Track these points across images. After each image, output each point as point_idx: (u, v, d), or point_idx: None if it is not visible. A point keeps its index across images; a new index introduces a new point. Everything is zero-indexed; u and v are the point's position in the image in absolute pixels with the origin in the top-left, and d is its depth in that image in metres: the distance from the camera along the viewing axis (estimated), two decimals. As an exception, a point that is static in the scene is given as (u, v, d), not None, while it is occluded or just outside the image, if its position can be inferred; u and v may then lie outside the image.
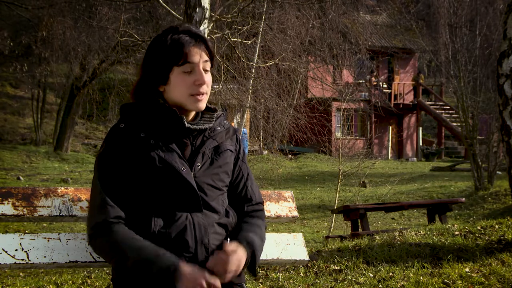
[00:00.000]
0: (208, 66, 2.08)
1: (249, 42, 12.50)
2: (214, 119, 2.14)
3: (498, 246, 5.08)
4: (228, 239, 2.19)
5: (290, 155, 21.80)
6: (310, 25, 17.02)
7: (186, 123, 2.05)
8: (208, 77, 2.08)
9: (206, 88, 2.07)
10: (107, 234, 1.96)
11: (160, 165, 2.00)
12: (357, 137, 25.08)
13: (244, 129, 18.48)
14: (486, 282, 4.10)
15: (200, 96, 2.06)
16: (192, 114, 2.12)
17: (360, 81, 24.47)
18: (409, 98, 28.55)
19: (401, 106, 27.75)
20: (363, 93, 24.96)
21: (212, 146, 2.11)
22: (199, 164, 2.06)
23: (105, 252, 2.01)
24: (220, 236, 2.09)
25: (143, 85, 2.10)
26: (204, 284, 1.87)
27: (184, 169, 2.02)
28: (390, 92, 27.72)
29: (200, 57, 2.06)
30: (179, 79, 2.04)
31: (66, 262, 2.27)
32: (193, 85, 2.04)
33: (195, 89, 2.04)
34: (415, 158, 26.80)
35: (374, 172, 17.49)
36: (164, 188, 2.01)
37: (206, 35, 7.24)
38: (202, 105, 2.08)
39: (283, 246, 2.57)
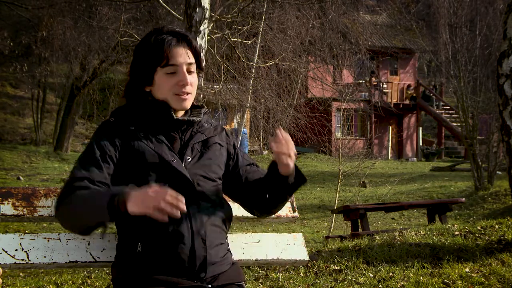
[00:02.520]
0: (192, 67, 2.10)
1: (249, 42, 12.50)
2: (202, 114, 2.16)
3: (498, 246, 5.08)
4: (228, 238, 2.19)
5: (290, 155, 21.72)
6: (310, 25, 17.02)
7: (174, 115, 2.07)
8: (192, 78, 2.09)
9: (191, 89, 2.09)
10: (70, 197, 1.93)
11: (150, 156, 2.02)
12: (357, 137, 25.08)
13: (244, 129, 18.47)
14: (486, 282, 4.10)
15: (184, 95, 2.08)
16: (181, 112, 2.14)
17: (360, 81, 24.48)
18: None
19: (401, 106, 27.75)
20: (363, 93, 24.96)
21: (200, 139, 2.13)
22: (189, 157, 2.08)
23: (67, 215, 1.95)
24: (217, 228, 2.09)
25: (131, 86, 2.12)
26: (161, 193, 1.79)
27: (174, 160, 2.03)
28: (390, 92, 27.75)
29: (182, 58, 2.07)
30: (163, 80, 2.06)
31: (66, 262, 2.27)
32: (176, 86, 2.06)
33: (178, 89, 2.06)
34: (415, 158, 26.80)
35: (374, 172, 17.49)
36: (156, 179, 2.01)
37: (206, 35, 7.24)
38: (187, 104, 2.10)
39: (283, 246, 2.57)
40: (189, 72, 2.09)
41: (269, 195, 2.16)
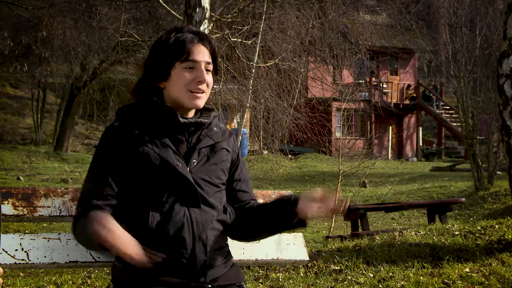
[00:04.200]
0: (210, 67, 2.10)
1: (249, 42, 12.49)
2: (212, 117, 2.15)
3: (498, 246, 5.08)
4: (228, 239, 2.19)
5: (290, 155, 21.79)
6: (310, 25, 17.02)
7: (180, 118, 2.06)
8: (209, 78, 2.09)
9: (206, 88, 2.08)
10: (83, 219, 1.93)
11: (155, 160, 2.01)
12: (357, 137, 25.08)
13: (244, 129, 18.47)
14: (486, 282, 4.10)
15: (199, 93, 2.07)
16: (191, 113, 2.13)
17: (360, 81, 24.48)
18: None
19: (401, 106, 27.76)
20: (363, 93, 24.97)
21: (208, 144, 2.11)
22: (194, 160, 2.07)
23: (80, 237, 1.97)
24: (218, 233, 2.08)
25: (144, 82, 2.12)
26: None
27: (179, 164, 2.02)
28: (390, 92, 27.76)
29: (202, 56, 2.07)
30: (180, 75, 2.06)
31: (66, 262, 2.27)
32: (192, 82, 2.06)
33: (194, 85, 2.06)
34: (415, 158, 26.80)
35: (374, 172, 17.48)
36: (160, 183, 2.01)
37: (206, 35, 7.24)
38: (200, 103, 2.09)
39: (283, 246, 2.57)
40: (207, 71, 2.09)
41: (260, 224, 2.15)
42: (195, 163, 2.06)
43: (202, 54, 2.07)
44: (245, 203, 2.21)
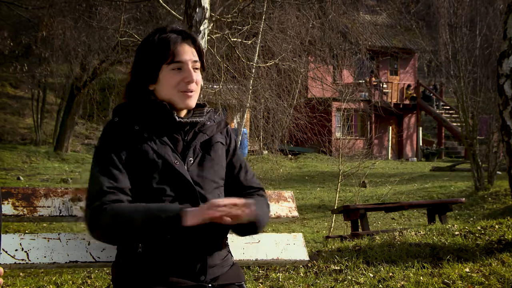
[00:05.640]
0: (197, 65, 2.09)
1: (249, 42, 12.50)
2: (205, 114, 2.14)
3: (498, 246, 5.08)
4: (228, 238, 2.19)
5: (290, 155, 21.80)
6: (310, 25, 17.01)
7: (176, 117, 2.05)
8: (197, 76, 2.08)
9: (195, 86, 2.08)
10: (107, 211, 1.91)
11: (154, 157, 2.01)
12: (357, 137, 25.07)
13: (244, 129, 18.47)
14: (486, 282, 4.10)
15: (190, 93, 2.06)
16: (184, 112, 2.12)
17: (360, 81, 24.48)
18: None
19: (401, 106, 27.76)
20: (363, 93, 24.97)
21: (202, 139, 2.11)
22: (191, 158, 2.06)
23: (111, 226, 1.92)
24: (218, 230, 2.07)
25: (134, 86, 2.11)
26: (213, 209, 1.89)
27: (177, 162, 2.02)
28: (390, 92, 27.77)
29: (188, 55, 2.07)
30: (168, 77, 2.05)
31: (66, 262, 2.27)
32: (181, 83, 2.05)
33: (183, 86, 2.06)
34: (415, 158, 26.79)
35: (374, 172, 17.49)
36: (159, 181, 2.01)
37: (206, 35, 7.24)
38: (192, 103, 2.09)
39: (283, 246, 2.57)
40: (194, 69, 2.08)
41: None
42: (191, 161, 2.06)
43: (187, 53, 2.07)
44: (248, 194, 2.18)
